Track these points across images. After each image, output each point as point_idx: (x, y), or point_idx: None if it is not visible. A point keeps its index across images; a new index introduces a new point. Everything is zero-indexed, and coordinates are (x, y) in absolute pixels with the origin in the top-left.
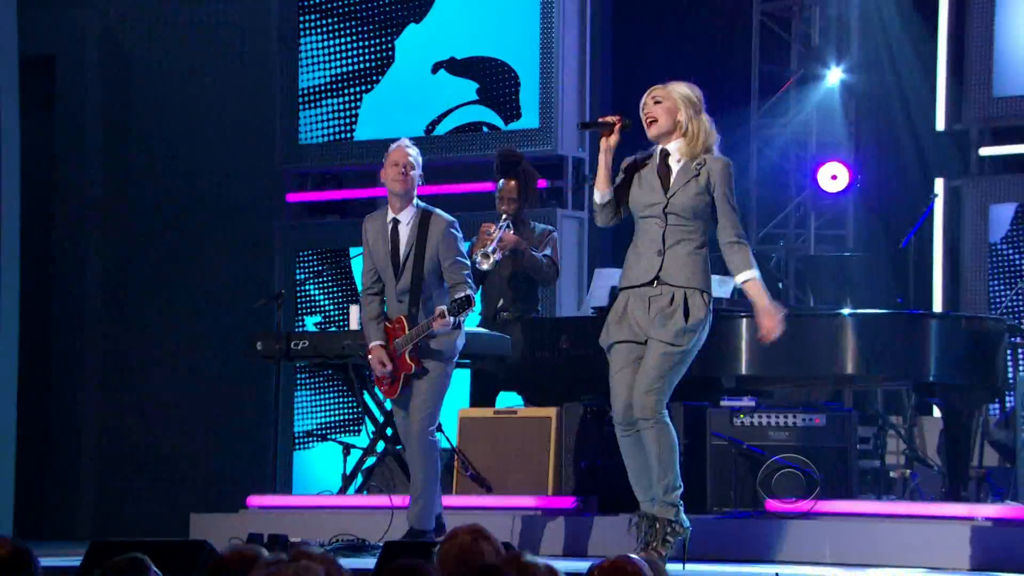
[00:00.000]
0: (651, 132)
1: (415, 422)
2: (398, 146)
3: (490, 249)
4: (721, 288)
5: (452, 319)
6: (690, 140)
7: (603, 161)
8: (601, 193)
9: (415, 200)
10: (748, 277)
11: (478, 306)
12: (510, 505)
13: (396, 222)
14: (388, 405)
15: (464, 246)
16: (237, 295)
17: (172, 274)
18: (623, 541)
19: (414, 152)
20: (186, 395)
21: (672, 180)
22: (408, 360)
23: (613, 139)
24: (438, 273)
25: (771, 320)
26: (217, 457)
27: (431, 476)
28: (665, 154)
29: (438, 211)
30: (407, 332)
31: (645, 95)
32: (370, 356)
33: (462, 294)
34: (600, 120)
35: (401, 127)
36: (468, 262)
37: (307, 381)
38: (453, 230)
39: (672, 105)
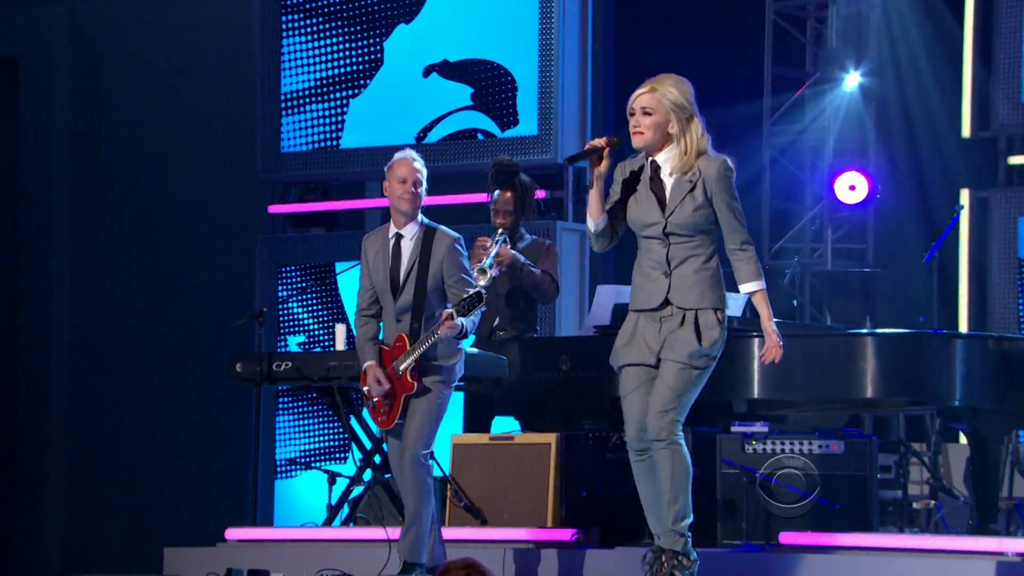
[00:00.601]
0: (636, 144)
1: (410, 444)
2: (404, 159)
3: (487, 264)
4: (731, 306)
5: (461, 322)
6: (682, 152)
7: (595, 189)
8: (595, 222)
9: (420, 216)
10: (754, 289)
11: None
12: (506, 537)
13: (399, 237)
14: (377, 432)
15: (466, 261)
16: (215, 313)
17: (145, 291)
18: (628, 575)
19: (421, 166)
20: (160, 420)
21: (668, 197)
22: (409, 379)
23: (603, 165)
24: (441, 291)
25: (769, 340)
26: (193, 486)
27: (425, 504)
28: (656, 167)
29: (443, 227)
30: (408, 349)
31: (632, 99)
32: (365, 376)
33: (471, 290)
34: (587, 149)
35: (390, 134)
36: (473, 281)
37: (290, 405)
38: (458, 247)
39: (662, 118)
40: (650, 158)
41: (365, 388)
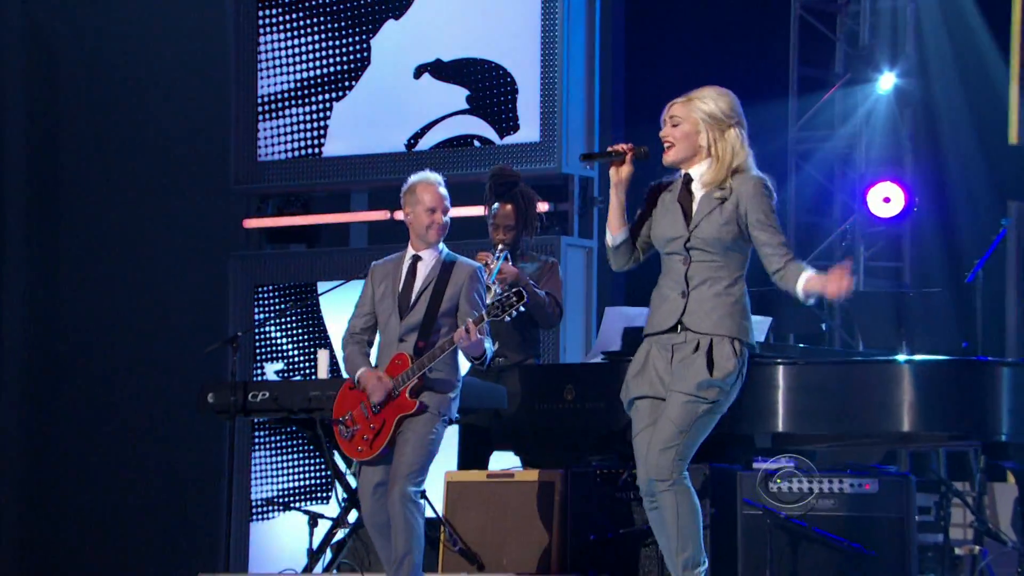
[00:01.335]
0: (666, 159)
1: (399, 479)
2: (429, 183)
3: (490, 281)
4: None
5: (483, 330)
6: (714, 163)
7: (614, 198)
8: (612, 235)
9: (441, 245)
10: (807, 276)
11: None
12: None
13: (416, 259)
14: (347, 468)
15: (485, 292)
16: (185, 338)
17: (107, 315)
18: None
19: (445, 190)
20: (125, 456)
21: (695, 210)
22: (408, 398)
23: (625, 171)
24: (451, 317)
25: (838, 273)
26: (162, 529)
27: (415, 547)
28: (688, 180)
29: (463, 258)
30: (411, 366)
31: (666, 110)
32: (363, 381)
33: (512, 289)
34: (609, 149)
35: (378, 141)
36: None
37: (267, 439)
38: (479, 273)
39: (691, 128)
40: (684, 172)
41: (346, 416)
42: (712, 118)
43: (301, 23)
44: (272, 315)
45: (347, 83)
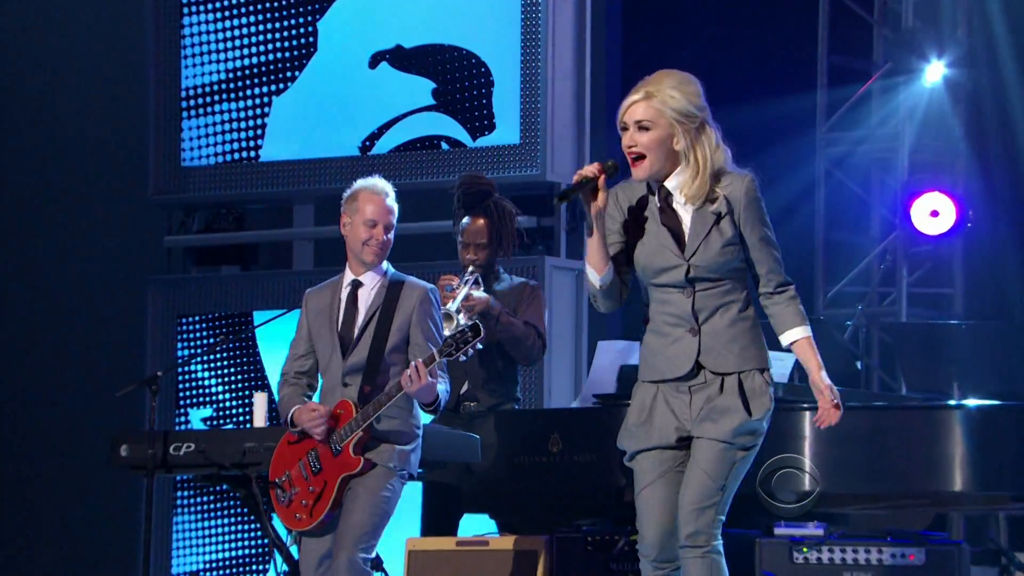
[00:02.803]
0: (637, 174)
1: (346, 545)
2: (373, 192)
3: (453, 309)
4: (775, 368)
5: (442, 366)
6: (694, 172)
7: (595, 234)
8: (599, 276)
9: (385, 263)
10: (798, 336)
11: None
12: None
13: (356, 285)
14: (287, 537)
15: (440, 319)
16: (94, 379)
17: (6, 349)
18: None
19: (394, 202)
20: (22, 522)
21: (687, 234)
22: (351, 454)
23: (600, 200)
24: (403, 352)
25: (822, 398)
26: None
27: None
28: (666, 195)
29: (412, 278)
30: (355, 416)
31: (623, 110)
32: (298, 419)
33: (468, 323)
34: (576, 181)
35: (326, 143)
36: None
37: (192, 501)
38: (432, 297)
39: (663, 132)
40: (658, 184)
41: (283, 477)
42: (686, 116)
43: (233, 1)
44: (199, 351)
45: (289, 73)
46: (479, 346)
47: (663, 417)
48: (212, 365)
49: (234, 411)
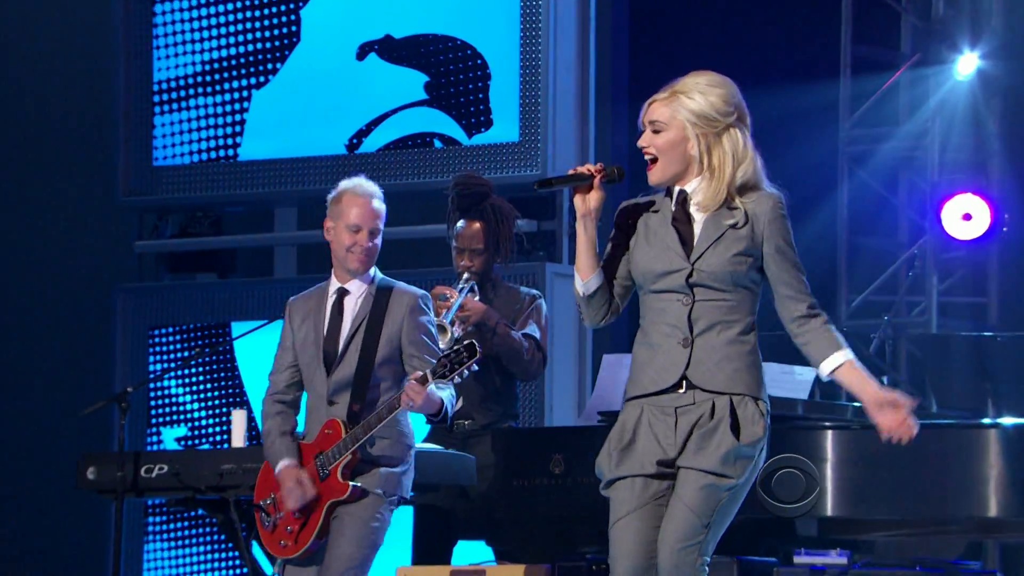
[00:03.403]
0: (652, 179)
1: None
2: (358, 194)
3: (446, 320)
4: (793, 384)
5: (437, 394)
6: (710, 179)
7: (582, 235)
8: (584, 280)
9: (374, 270)
10: (841, 361)
11: (420, 416)
12: None
13: (342, 293)
14: (271, 570)
15: (434, 328)
16: (59, 396)
17: None
18: None
19: (381, 205)
20: None
21: (697, 235)
22: (339, 479)
23: (594, 199)
24: (395, 366)
25: (895, 413)
26: None
27: None
28: (683, 196)
29: (402, 284)
30: (344, 438)
31: (644, 109)
32: (280, 480)
33: (464, 342)
34: (569, 173)
35: (310, 141)
36: (440, 351)
37: (165, 527)
38: (424, 305)
39: (676, 135)
40: (677, 188)
41: (268, 500)
42: (702, 119)
43: None
44: (172, 365)
45: (269, 65)
46: (475, 367)
47: (645, 442)
48: (187, 380)
49: (210, 430)
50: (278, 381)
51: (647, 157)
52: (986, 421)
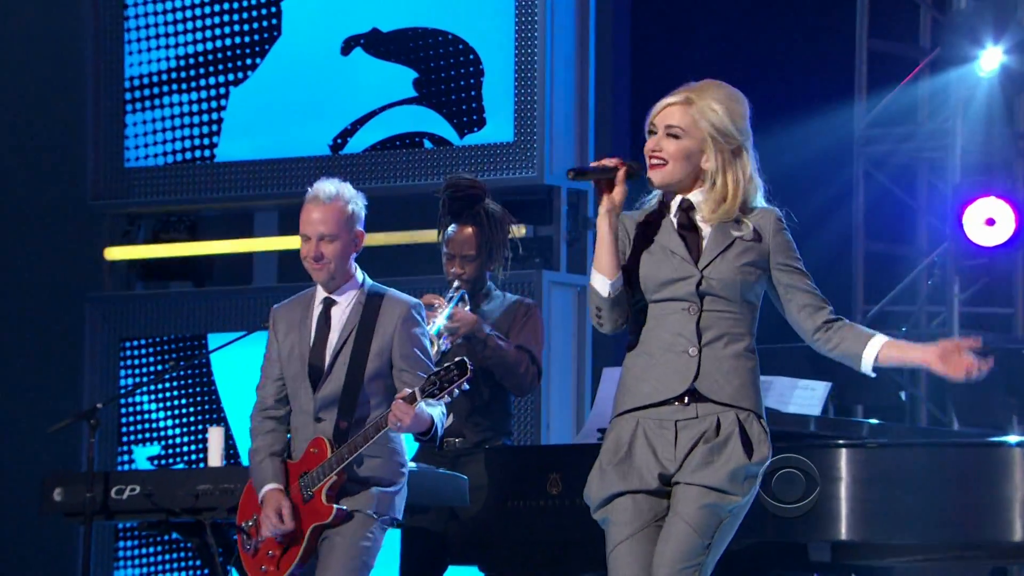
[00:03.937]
0: (656, 178)
1: None
2: (307, 199)
3: (434, 331)
4: (804, 399)
5: (427, 412)
6: (719, 196)
7: (605, 232)
8: (608, 280)
9: (358, 275)
10: (881, 343)
11: (409, 435)
12: None
13: (329, 303)
14: None
15: (428, 341)
16: (24, 412)
17: None
18: None
19: (335, 206)
20: None
21: (704, 243)
22: (324, 502)
23: (618, 194)
24: (385, 380)
25: (960, 357)
26: None
27: None
28: (687, 205)
29: (394, 291)
30: (329, 457)
31: (656, 110)
32: (263, 504)
33: (455, 359)
34: (594, 165)
35: (291, 141)
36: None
37: (136, 552)
38: (416, 315)
39: (694, 146)
40: (679, 196)
41: (251, 522)
42: (724, 135)
43: None
44: (145, 380)
45: (248, 61)
46: (466, 386)
47: (643, 456)
48: (160, 396)
49: (185, 448)
50: (266, 396)
51: (653, 160)
52: (1011, 439)
